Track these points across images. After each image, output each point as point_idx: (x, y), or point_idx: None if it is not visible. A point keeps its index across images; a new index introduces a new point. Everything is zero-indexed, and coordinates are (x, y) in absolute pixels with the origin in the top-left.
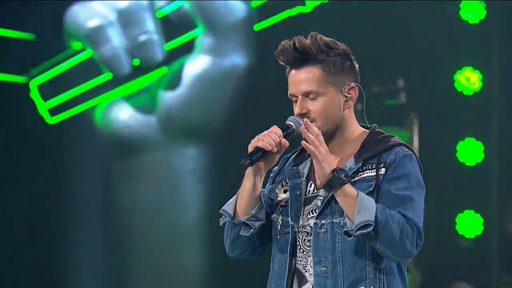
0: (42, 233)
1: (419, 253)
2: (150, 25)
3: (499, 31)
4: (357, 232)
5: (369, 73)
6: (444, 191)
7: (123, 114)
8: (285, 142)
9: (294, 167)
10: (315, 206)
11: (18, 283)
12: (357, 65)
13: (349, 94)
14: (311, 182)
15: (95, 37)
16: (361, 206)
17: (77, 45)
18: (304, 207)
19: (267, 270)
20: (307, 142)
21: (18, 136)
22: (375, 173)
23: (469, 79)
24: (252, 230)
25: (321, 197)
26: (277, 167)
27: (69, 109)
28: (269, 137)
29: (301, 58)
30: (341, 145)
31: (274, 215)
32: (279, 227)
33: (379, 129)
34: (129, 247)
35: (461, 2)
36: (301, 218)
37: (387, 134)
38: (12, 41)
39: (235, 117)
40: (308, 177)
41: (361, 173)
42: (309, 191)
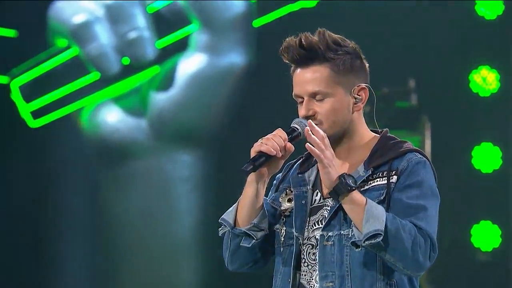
0: (23, 245)
1: (431, 267)
2: (140, 21)
3: None
4: (366, 242)
5: (378, 73)
6: (458, 200)
7: (112, 117)
8: (290, 146)
9: (299, 175)
10: (322, 216)
11: None
12: (367, 65)
13: (359, 95)
14: (318, 190)
15: (81, 33)
16: (369, 214)
17: (62, 43)
18: (309, 217)
19: (269, 285)
20: (312, 145)
21: None
22: (386, 181)
23: (485, 79)
24: (253, 241)
25: (328, 207)
26: (281, 174)
27: (53, 112)
28: (273, 141)
29: (308, 56)
30: (349, 151)
31: (277, 226)
32: (283, 239)
33: (390, 134)
34: (117, 261)
35: None
36: (306, 229)
37: (399, 139)
38: None
39: (233, 120)
40: (314, 185)
41: (371, 182)
42: (315, 200)
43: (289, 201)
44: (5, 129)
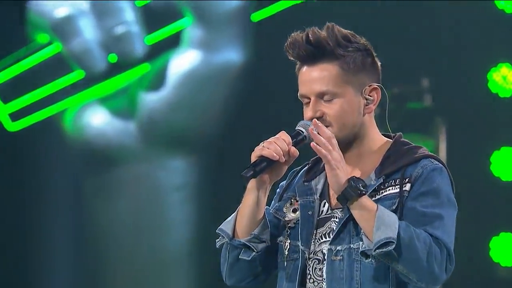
0: (1, 260)
1: (446, 283)
2: (128, 14)
3: None
4: (376, 251)
5: (388, 71)
6: (476, 210)
7: (97, 119)
8: (295, 151)
9: (305, 183)
10: (329, 229)
11: None
12: (379, 63)
13: (370, 96)
14: (325, 201)
15: (64, 28)
16: (381, 221)
17: (43, 38)
18: (316, 229)
19: None
20: (319, 145)
21: None
22: (398, 190)
23: (505, 78)
24: (254, 253)
25: (337, 218)
26: (285, 182)
27: (33, 114)
28: (276, 145)
29: (316, 53)
30: (359, 157)
31: (280, 238)
32: (287, 252)
33: (404, 139)
34: (103, 277)
35: None
36: (312, 242)
37: (414, 144)
38: None
39: (231, 123)
40: (322, 195)
41: (383, 191)
42: (323, 211)
43: (294, 211)
44: None
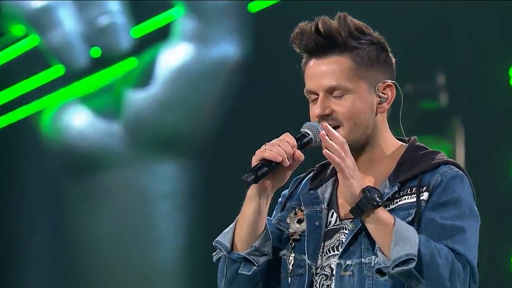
0: None
1: None
2: (113, 4)
3: None
4: (395, 269)
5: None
6: (497, 220)
7: (79, 120)
8: (300, 155)
9: (311, 191)
10: (338, 242)
11: None
12: (393, 59)
13: (384, 93)
14: (333, 210)
15: (41, 19)
16: (399, 236)
17: (18, 30)
18: (324, 242)
19: None
20: (331, 152)
21: None
22: (415, 199)
23: None
24: (254, 267)
25: (346, 230)
26: (288, 191)
27: (6, 114)
28: (280, 147)
29: (326, 44)
30: (371, 163)
31: (284, 252)
32: (291, 267)
33: (419, 143)
34: None
35: None
36: (319, 256)
37: (431, 149)
38: None
39: (226, 124)
40: (329, 204)
41: (398, 200)
42: (330, 222)
43: (299, 222)
44: None
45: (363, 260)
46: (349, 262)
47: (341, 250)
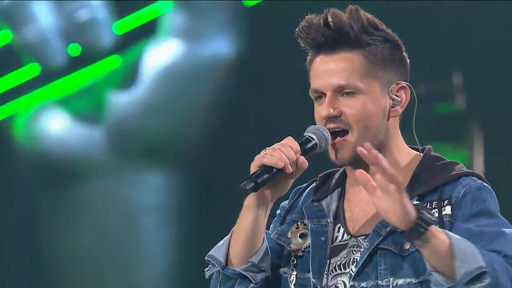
0: None
1: None
2: None
3: None
4: (467, 285)
5: (412, 66)
6: None
7: (56, 125)
8: (304, 161)
9: (314, 203)
10: (345, 259)
11: None
12: (408, 60)
13: (397, 96)
14: (340, 225)
15: (14, 13)
16: (460, 250)
17: None
18: (330, 259)
19: None
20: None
21: None
22: (437, 214)
23: None
24: (251, 285)
25: (357, 247)
26: (288, 202)
27: None
28: (281, 152)
29: (336, 39)
30: None
31: (284, 269)
32: (293, 286)
33: (435, 153)
34: None
35: None
36: (325, 274)
37: (448, 160)
38: None
39: (219, 130)
40: (335, 217)
41: None
42: (337, 237)
43: (302, 237)
44: None
45: (379, 282)
46: (363, 284)
47: (355, 270)
